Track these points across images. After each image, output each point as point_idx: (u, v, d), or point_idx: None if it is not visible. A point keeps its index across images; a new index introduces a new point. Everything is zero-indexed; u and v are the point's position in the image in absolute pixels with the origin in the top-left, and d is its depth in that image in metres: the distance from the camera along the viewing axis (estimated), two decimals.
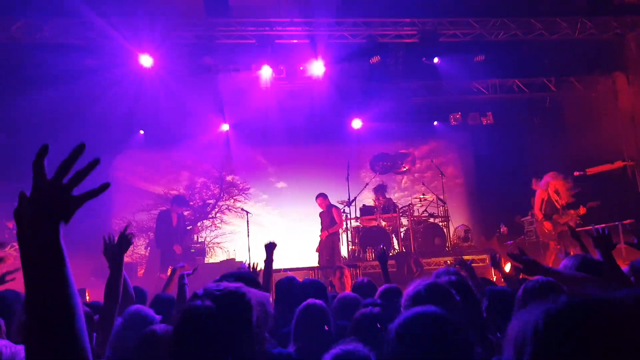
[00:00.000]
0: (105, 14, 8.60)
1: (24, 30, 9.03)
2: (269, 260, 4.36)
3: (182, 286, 3.68)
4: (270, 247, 4.42)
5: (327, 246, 8.96)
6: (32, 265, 0.93)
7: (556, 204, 8.40)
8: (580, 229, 8.31)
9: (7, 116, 9.18)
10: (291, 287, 3.72)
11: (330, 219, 9.06)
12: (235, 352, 1.43)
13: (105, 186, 0.99)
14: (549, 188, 8.44)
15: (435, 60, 10.19)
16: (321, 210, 9.22)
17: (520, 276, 4.75)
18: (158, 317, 2.72)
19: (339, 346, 1.80)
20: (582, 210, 8.31)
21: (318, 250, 9.13)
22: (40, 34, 9.05)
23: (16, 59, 9.03)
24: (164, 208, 9.51)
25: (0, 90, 9.15)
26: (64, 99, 9.08)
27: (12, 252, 8.90)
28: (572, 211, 8.29)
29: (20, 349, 1.55)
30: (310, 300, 2.87)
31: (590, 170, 10.26)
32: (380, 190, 10.01)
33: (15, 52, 9.03)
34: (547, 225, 8.34)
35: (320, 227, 9.18)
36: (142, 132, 10.98)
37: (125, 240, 2.96)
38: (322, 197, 9.26)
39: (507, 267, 7.85)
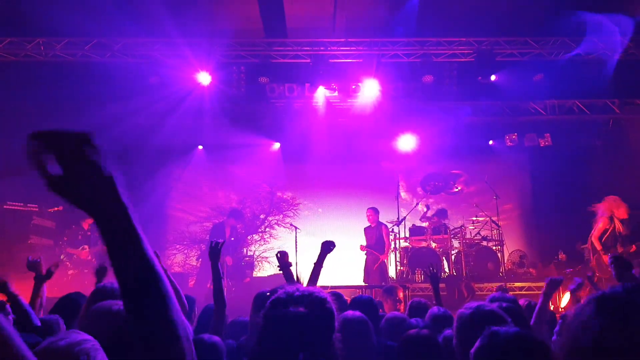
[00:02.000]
0: (167, 33, 9.08)
1: (97, 50, 9.66)
2: (320, 260, 3.90)
3: (216, 268, 3.48)
4: (327, 246, 3.92)
5: (375, 266, 8.85)
6: (115, 238, 0.92)
7: (618, 235, 7.89)
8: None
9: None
10: (340, 304, 3.56)
11: (378, 236, 8.96)
12: (315, 355, 1.46)
13: None
14: (615, 216, 7.93)
15: (493, 78, 10.00)
16: (369, 224, 9.13)
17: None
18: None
19: None
20: (633, 247, 7.78)
21: (367, 268, 8.98)
22: (111, 53, 9.66)
23: (87, 75, 9.62)
24: (217, 221, 9.76)
25: (69, 106, 9.79)
26: (128, 114, 9.58)
27: (83, 253, 9.38)
28: (622, 248, 7.77)
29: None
30: (348, 313, 2.78)
31: None
32: (441, 214, 9.83)
33: (86, 69, 9.65)
34: (607, 258, 7.82)
35: (365, 242, 9.09)
36: (200, 147, 11.40)
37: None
38: (374, 210, 9.16)
39: (565, 300, 7.47)
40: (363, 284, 8.57)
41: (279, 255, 4.27)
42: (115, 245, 0.93)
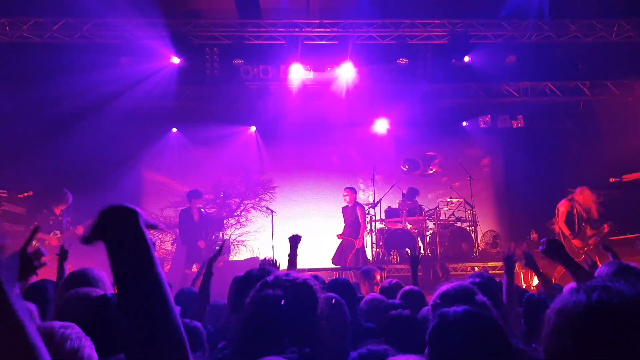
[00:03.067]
0: (139, 14, 8.87)
1: (65, 30, 9.39)
2: (293, 254, 4.13)
3: (209, 270, 3.67)
4: (294, 240, 4.18)
5: (351, 247, 8.89)
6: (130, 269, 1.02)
7: (581, 217, 8.13)
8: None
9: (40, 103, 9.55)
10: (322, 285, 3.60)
11: (354, 217, 9.00)
12: (299, 339, 1.46)
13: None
14: (575, 200, 8.19)
15: (467, 59, 10.04)
16: (346, 204, 9.16)
17: (554, 279, 4.58)
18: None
19: (367, 346, 1.79)
20: (606, 228, 8.03)
21: (340, 249, 9.02)
22: (80, 34, 9.39)
23: (55, 57, 9.36)
24: (183, 207, 9.66)
25: (34, 88, 9.55)
26: (98, 94, 9.39)
27: (54, 239, 9.22)
28: (592, 231, 8.01)
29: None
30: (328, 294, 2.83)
31: (627, 177, 9.91)
32: (412, 193, 9.89)
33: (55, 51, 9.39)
34: (577, 242, 8.03)
35: (343, 222, 9.12)
36: (175, 130, 11.21)
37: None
38: (350, 190, 9.15)
39: (536, 279, 7.65)
40: (340, 266, 8.59)
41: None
42: (128, 270, 1.01)
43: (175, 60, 9.63)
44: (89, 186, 9.39)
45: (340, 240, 9.05)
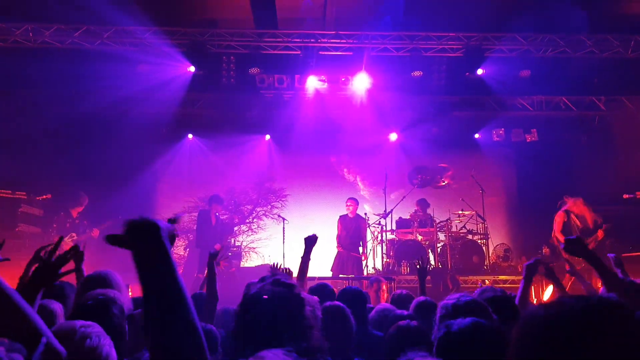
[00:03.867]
0: (156, 23, 9.07)
1: (86, 37, 9.61)
2: (306, 257, 3.97)
3: (211, 268, 3.64)
4: (310, 241, 4.00)
5: (351, 258, 8.94)
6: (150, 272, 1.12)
7: (576, 227, 8.20)
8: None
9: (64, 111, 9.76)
10: (325, 294, 3.57)
11: (355, 228, 9.04)
12: (287, 340, 1.51)
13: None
14: (570, 211, 8.26)
15: (481, 72, 10.05)
16: (346, 214, 9.18)
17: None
18: None
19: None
20: (600, 234, 8.05)
21: (340, 260, 9.02)
22: (100, 41, 9.61)
23: (75, 63, 9.58)
24: (203, 209, 9.78)
25: (54, 92, 9.77)
26: (116, 99, 9.59)
27: (71, 241, 9.38)
28: (590, 239, 8.04)
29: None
30: (327, 303, 2.86)
31: None
32: (423, 204, 9.91)
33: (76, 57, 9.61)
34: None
35: (338, 230, 9.13)
36: (190, 136, 11.34)
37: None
38: (355, 201, 9.21)
39: (548, 292, 7.61)
40: (347, 275, 8.61)
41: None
42: (151, 275, 1.11)
43: (191, 68, 9.83)
44: (106, 190, 9.57)
45: (339, 250, 9.06)
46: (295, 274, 4.07)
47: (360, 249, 9.20)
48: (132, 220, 1.14)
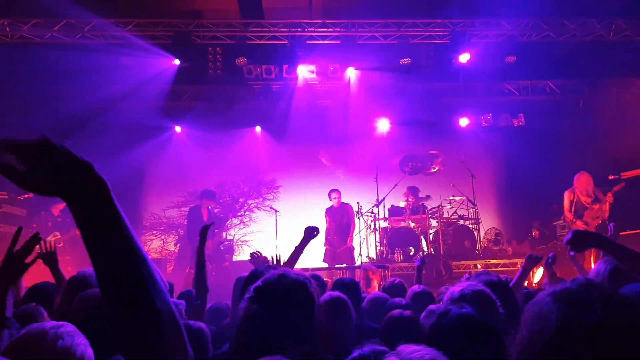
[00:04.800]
0: (140, 15, 8.88)
1: (66, 31, 9.35)
2: (302, 245, 3.87)
3: (201, 254, 3.53)
4: (310, 232, 3.90)
5: (340, 249, 8.96)
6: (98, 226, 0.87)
7: (585, 203, 8.31)
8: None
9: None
10: (320, 285, 3.52)
11: (345, 216, 9.05)
12: (298, 338, 1.45)
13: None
14: (576, 189, 8.36)
15: (466, 57, 10.07)
16: (332, 205, 9.19)
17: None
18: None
19: (367, 346, 1.74)
20: (610, 198, 8.19)
21: (331, 250, 9.03)
22: (81, 34, 9.36)
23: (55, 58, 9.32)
24: (193, 204, 9.64)
25: (35, 88, 9.50)
26: (99, 94, 9.35)
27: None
28: (596, 205, 8.18)
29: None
30: (327, 294, 2.78)
31: (626, 174, 10.00)
32: (413, 190, 9.95)
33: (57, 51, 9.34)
34: (580, 225, 8.19)
35: (327, 223, 9.14)
36: (178, 129, 11.11)
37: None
38: (338, 192, 9.23)
39: (538, 275, 7.72)
40: (341, 265, 8.61)
41: (251, 260, 4.29)
42: (96, 228, 0.86)
43: (176, 61, 9.67)
44: None
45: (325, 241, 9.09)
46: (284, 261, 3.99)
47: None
48: (60, 149, 0.84)
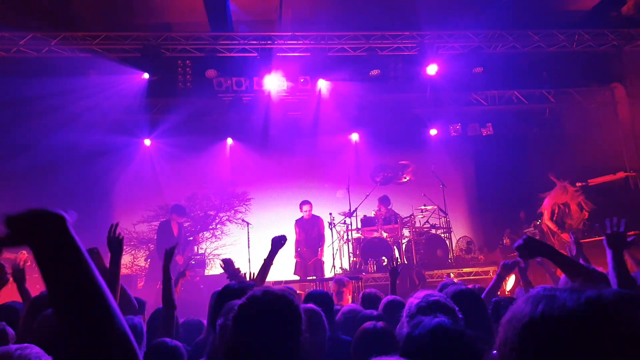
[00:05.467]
0: (108, 28, 8.80)
1: (32, 45, 9.21)
2: (271, 256, 3.82)
3: (167, 272, 3.48)
4: (277, 242, 3.86)
5: (311, 262, 8.94)
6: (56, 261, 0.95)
7: (564, 213, 8.45)
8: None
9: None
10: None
11: (315, 229, 9.05)
12: (282, 352, 1.46)
13: None
14: (553, 199, 8.48)
15: (434, 68, 10.20)
16: (303, 216, 9.18)
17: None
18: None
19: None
20: (585, 213, 8.35)
21: (301, 263, 8.99)
22: (48, 48, 9.24)
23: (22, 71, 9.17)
24: (164, 219, 9.52)
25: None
26: (66, 107, 9.21)
27: (21, 257, 8.88)
28: (576, 214, 8.33)
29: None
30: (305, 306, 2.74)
31: (592, 181, 10.24)
32: (384, 201, 9.99)
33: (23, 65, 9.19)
34: (566, 236, 8.28)
35: (296, 234, 9.13)
36: (147, 142, 10.97)
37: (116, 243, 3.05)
38: (309, 203, 9.20)
39: (510, 283, 7.81)
40: (312, 277, 8.58)
41: (223, 264, 4.22)
42: (50, 264, 0.94)
43: (145, 75, 9.59)
44: (59, 201, 9.14)
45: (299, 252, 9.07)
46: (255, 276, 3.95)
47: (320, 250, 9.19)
48: (32, 210, 0.94)
